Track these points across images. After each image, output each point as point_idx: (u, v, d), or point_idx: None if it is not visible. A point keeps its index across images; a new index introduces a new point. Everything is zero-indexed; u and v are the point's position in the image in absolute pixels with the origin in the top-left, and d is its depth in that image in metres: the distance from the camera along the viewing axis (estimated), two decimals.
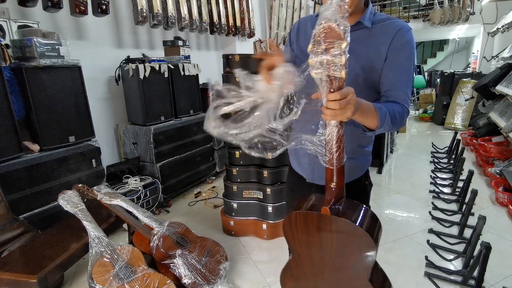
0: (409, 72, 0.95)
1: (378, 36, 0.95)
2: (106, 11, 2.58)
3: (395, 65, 0.94)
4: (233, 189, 2.34)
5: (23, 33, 2.05)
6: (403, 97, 0.94)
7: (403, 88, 0.94)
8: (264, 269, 2.01)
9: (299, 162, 1.17)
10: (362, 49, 0.96)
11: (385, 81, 0.96)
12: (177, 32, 3.47)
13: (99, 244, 1.56)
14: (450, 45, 9.81)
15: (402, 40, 0.93)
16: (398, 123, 0.90)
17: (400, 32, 0.93)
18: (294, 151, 1.19)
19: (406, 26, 0.95)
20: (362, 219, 0.84)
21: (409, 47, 0.94)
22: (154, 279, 1.51)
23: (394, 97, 0.94)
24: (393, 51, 0.93)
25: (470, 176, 2.65)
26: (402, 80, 0.94)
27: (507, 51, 4.13)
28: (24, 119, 2.03)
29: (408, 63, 0.94)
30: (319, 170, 1.10)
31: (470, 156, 4.17)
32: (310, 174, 1.13)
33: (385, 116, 0.85)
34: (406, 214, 2.66)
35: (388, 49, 0.94)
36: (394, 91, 0.94)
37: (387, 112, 0.86)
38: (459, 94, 5.82)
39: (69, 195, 1.74)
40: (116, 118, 3.06)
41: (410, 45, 0.94)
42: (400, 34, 0.93)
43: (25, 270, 1.44)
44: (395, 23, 0.95)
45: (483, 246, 1.56)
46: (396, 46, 0.93)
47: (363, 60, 0.96)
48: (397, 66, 0.94)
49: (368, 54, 0.96)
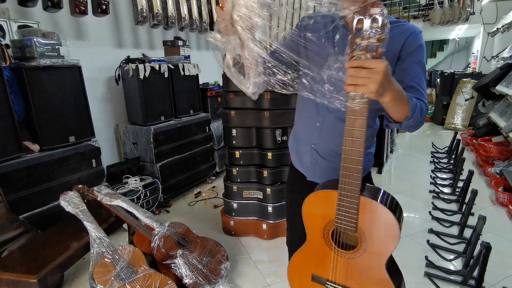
0: (424, 73, 0.94)
1: (391, 38, 0.94)
2: (106, 11, 2.58)
3: (410, 66, 0.92)
4: (233, 189, 2.34)
5: (23, 33, 2.04)
6: (423, 95, 0.91)
7: (421, 86, 0.92)
8: (264, 269, 2.01)
9: (301, 160, 1.16)
10: None
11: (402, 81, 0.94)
12: (177, 32, 3.47)
13: (100, 245, 1.56)
14: (450, 45, 9.80)
15: (416, 43, 0.92)
16: (422, 118, 0.86)
17: (413, 35, 0.92)
18: (295, 149, 1.19)
19: (417, 29, 0.95)
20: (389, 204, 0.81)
21: (421, 50, 0.93)
22: (155, 279, 1.51)
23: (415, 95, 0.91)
24: (407, 54, 0.92)
25: (470, 176, 2.65)
26: (418, 80, 0.92)
27: (507, 51, 4.13)
28: (24, 119, 2.03)
29: (422, 66, 0.94)
30: (320, 169, 1.10)
31: (470, 156, 4.17)
32: (311, 172, 1.13)
33: (415, 107, 0.81)
34: (406, 214, 2.66)
35: (400, 51, 0.93)
36: (413, 89, 0.91)
37: (417, 104, 0.82)
38: (459, 94, 5.82)
39: (71, 196, 1.74)
40: (116, 118, 3.06)
41: (423, 49, 0.94)
42: (413, 37, 0.92)
43: (25, 270, 1.44)
44: (406, 25, 0.95)
45: (483, 246, 1.56)
46: (410, 49, 0.92)
47: None
48: (412, 67, 0.93)
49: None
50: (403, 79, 0.92)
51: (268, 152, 2.24)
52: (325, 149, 1.08)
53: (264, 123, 2.19)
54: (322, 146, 1.08)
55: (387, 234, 0.82)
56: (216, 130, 3.59)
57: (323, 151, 1.08)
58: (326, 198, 0.88)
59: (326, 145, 1.07)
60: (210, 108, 3.55)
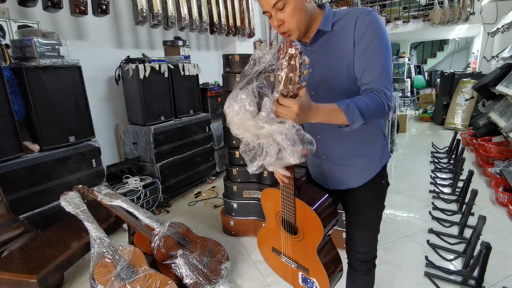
0: (380, 55, 0.90)
1: (341, 34, 0.94)
2: (106, 11, 2.58)
3: (363, 53, 0.91)
4: (233, 189, 2.34)
5: (23, 33, 2.04)
6: (379, 83, 0.89)
7: (376, 74, 0.89)
8: (264, 269, 2.01)
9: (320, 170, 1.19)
10: (330, 54, 0.96)
11: (358, 72, 0.93)
12: (177, 32, 3.47)
13: (100, 245, 1.56)
14: (450, 45, 9.82)
15: (363, 26, 0.89)
16: (377, 113, 0.87)
17: (360, 19, 0.90)
18: (312, 162, 1.22)
19: (364, 11, 0.91)
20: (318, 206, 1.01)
21: (373, 29, 0.89)
22: (155, 279, 1.51)
23: (370, 86, 0.90)
24: (358, 41, 0.91)
25: (470, 176, 2.65)
26: (374, 67, 0.90)
27: (507, 51, 4.13)
28: (24, 119, 2.03)
29: (376, 47, 0.89)
30: (338, 176, 1.13)
31: (470, 156, 4.17)
32: (331, 180, 1.16)
33: (353, 112, 0.83)
34: (406, 214, 2.66)
35: (354, 42, 0.91)
36: (368, 79, 0.91)
37: (355, 107, 0.83)
38: (459, 94, 5.82)
39: (71, 196, 1.74)
40: (116, 118, 3.06)
41: (374, 27, 0.89)
42: (359, 21, 0.90)
43: (25, 270, 1.44)
44: (352, 13, 0.93)
45: (483, 246, 1.56)
46: (360, 34, 0.90)
47: (335, 64, 0.96)
48: (366, 53, 0.90)
49: (338, 55, 0.95)
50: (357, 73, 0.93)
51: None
52: (335, 156, 1.10)
53: None
54: (330, 155, 1.11)
55: (314, 228, 1.02)
56: (216, 130, 3.59)
57: (333, 159, 1.11)
58: (275, 194, 1.08)
59: (332, 153, 1.10)
60: (210, 108, 3.55)
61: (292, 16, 0.90)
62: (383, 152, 1.12)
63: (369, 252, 1.21)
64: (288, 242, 1.11)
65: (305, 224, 1.03)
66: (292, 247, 1.11)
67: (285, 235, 1.11)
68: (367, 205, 1.15)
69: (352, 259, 1.25)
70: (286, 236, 1.10)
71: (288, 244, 1.11)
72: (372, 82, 0.90)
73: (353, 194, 1.14)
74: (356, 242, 1.20)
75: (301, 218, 1.03)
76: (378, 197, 1.16)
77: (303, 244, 1.06)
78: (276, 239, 1.15)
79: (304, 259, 1.09)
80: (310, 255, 1.06)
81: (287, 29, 0.93)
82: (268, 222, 1.17)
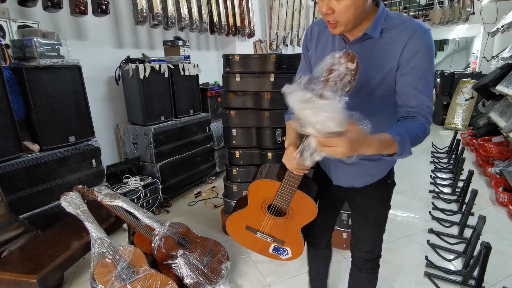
0: (428, 80, 0.87)
1: (388, 47, 0.89)
2: (106, 11, 2.58)
3: (408, 73, 0.87)
4: (233, 189, 2.34)
5: (23, 33, 2.04)
6: (424, 109, 0.87)
7: (422, 99, 0.87)
8: (264, 269, 2.01)
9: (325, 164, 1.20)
10: (370, 62, 0.90)
11: (401, 91, 0.90)
12: (177, 32, 3.47)
13: (101, 245, 1.56)
14: (450, 45, 9.81)
15: (416, 46, 0.85)
16: (420, 140, 0.85)
17: (414, 37, 0.85)
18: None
19: (420, 29, 0.86)
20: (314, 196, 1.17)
21: (426, 52, 0.86)
22: (156, 279, 1.51)
23: (416, 110, 0.87)
24: (407, 59, 0.86)
25: (470, 176, 2.65)
26: (421, 92, 0.87)
27: (507, 51, 4.13)
28: (24, 119, 2.03)
29: (426, 71, 0.87)
30: (345, 173, 1.12)
31: (470, 156, 4.17)
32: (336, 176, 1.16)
33: (406, 144, 0.80)
34: (406, 214, 2.66)
35: (400, 57, 0.87)
36: (413, 103, 0.87)
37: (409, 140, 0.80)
38: (459, 94, 5.82)
39: (72, 196, 1.73)
40: (116, 118, 3.06)
41: (427, 50, 0.86)
42: (414, 39, 0.85)
43: (25, 270, 1.44)
44: (407, 26, 0.87)
45: (483, 246, 1.56)
46: (410, 54, 0.86)
47: (370, 73, 0.91)
48: (412, 74, 0.87)
49: (376, 68, 0.90)
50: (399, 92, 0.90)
51: (268, 152, 2.24)
52: None
53: (264, 123, 2.19)
54: None
55: (308, 213, 1.18)
56: (216, 130, 3.59)
57: None
58: (270, 185, 1.17)
59: None
60: (210, 108, 3.55)
61: (346, 11, 0.82)
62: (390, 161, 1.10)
63: (374, 251, 1.21)
64: (270, 222, 1.26)
65: (298, 209, 1.18)
66: (273, 226, 1.26)
67: (269, 216, 1.25)
68: (373, 205, 1.15)
69: (357, 258, 1.25)
70: (269, 217, 1.25)
71: (269, 224, 1.27)
72: (418, 106, 0.87)
73: (358, 193, 1.14)
74: (362, 241, 1.20)
75: (295, 205, 1.17)
76: (384, 197, 1.16)
77: (288, 223, 1.23)
78: (252, 219, 1.29)
79: (283, 234, 1.27)
80: (293, 231, 1.25)
81: (334, 20, 0.85)
82: (249, 207, 1.28)
